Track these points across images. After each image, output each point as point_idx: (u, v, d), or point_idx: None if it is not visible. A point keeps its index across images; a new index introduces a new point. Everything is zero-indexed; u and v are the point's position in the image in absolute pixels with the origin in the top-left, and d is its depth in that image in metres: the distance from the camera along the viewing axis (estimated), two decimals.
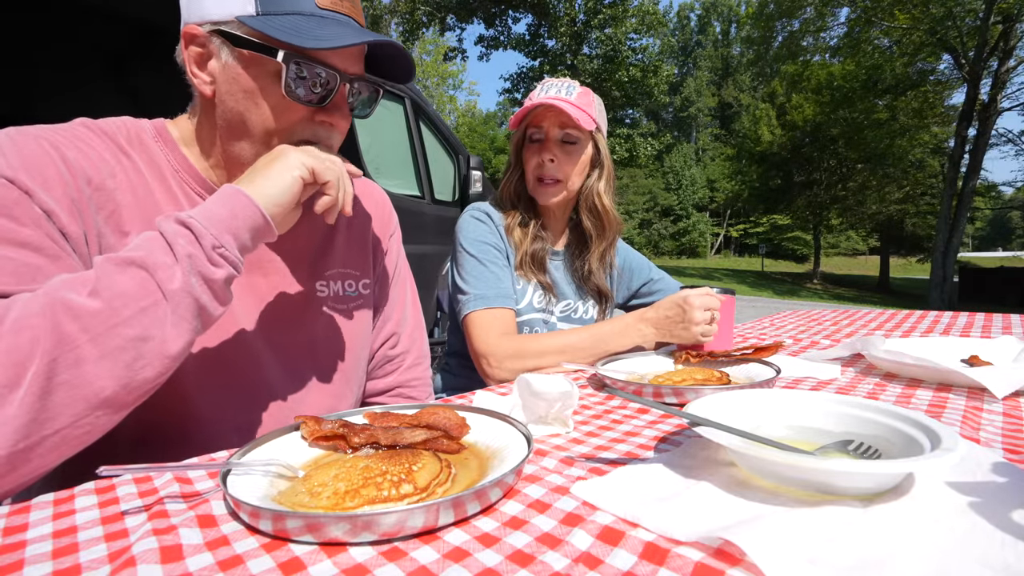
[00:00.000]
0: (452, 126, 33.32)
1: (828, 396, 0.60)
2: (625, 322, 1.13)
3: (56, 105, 3.46)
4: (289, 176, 0.64)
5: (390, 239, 0.97)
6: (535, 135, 1.26)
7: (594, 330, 1.14)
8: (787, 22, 18.90)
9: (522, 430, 0.57)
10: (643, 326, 1.11)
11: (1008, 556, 0.35)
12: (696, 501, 0.44)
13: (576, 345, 1.11)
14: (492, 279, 1.21)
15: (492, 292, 1.19)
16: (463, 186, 3.79)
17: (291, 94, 0.67)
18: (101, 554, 0.39)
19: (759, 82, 34.72)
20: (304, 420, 0.58)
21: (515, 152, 1.30)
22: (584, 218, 1.33)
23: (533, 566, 0.37)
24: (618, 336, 1.11)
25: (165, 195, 0.71)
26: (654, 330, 1.11)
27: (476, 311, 1.17)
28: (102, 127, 0.69)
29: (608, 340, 1.11)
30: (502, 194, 1.33)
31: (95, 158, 0.65)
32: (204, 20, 0.66)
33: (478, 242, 1.25)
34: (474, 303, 1.18)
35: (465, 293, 1.20)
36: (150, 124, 0.74)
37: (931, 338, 1.12)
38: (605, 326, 1.14)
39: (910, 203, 22.38)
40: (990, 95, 13.74)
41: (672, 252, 39.70)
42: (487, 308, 1.17)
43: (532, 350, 1.11)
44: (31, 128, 0.64)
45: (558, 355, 1.09)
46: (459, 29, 19.91)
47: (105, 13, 3.03)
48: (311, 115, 0.70)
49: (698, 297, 1.06)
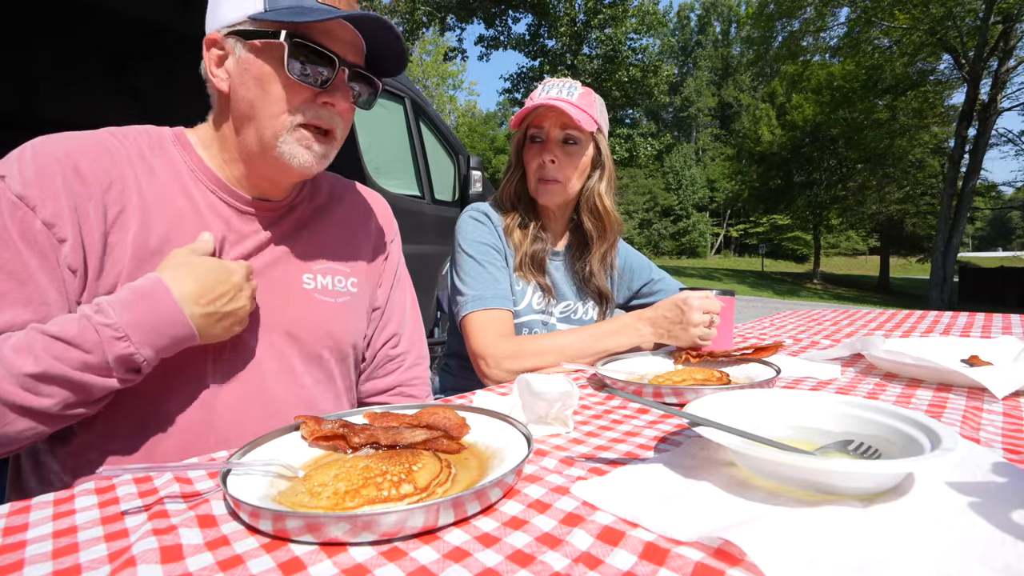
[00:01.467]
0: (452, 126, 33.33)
1: (828, 396, 0.60)
2: (623, 322, 1.13)
3: (57, 105, 3.46)
4: (227, 326, 0.71)
5: (391, 244, 1.00)
6: (536, 136, 1.25)
7: (592, 330, 1.13)
8: (787, 22, 18.89)
9: (522, 430, 0.57)
10: (641, 326, 1.11)
11: (1008, 556, 0.35)
12: (696, 501, 0.44)
13: (574, 345, 1.10)
14: (490, 280, 1.21)
15: (490, 293, 1.19)
16: (463, 186, 3.79)
17: (294, 73, 0.71)
18: (101, 554, 0.39)
19: (759, 82, 34.75)
20: (304, 420, 0.58)
21: (516, 152, 1.30)
22: (585, 219, 1.33)
23: (533, 566, 0.37)
24: (615, 335, 1.11)
25: (181, 193, 0.76)
26: (652, 330, 1.10)
27: (474, 312, 1.17)
28: (126, 134, 0.75)
29: (606, 339, 1.10)
30: (502, 195, 1.33)
31: (109, 164, 0.70)
32: (222, 26, 0.73)
33: (477, 243, 1.25)
34: (472, 304, 1.18)
35: (463, 294, 1.20)
36: (170, 131, 0.80)
37: (931, 338, 1.12)
38: (603, 325, 1.14)
39: (910, 203, 22.38)
40: (990, 95, 13.74)
41: (672, 252, 39.69)
42: (485, 309, 1.17)
43: (530, 350, 1.11)
44: (61, 141, 0.69)
45: (556, 355, 1.09)
46: (459, 29, 19.92)
47: (105, 13, 3.03)
48: (314, 97, 0.74)
49: (698, 299, 1.05)
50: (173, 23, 3.05)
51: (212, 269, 0.68)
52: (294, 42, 0.70)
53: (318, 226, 0.89)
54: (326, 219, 0.90)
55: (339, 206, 0.93)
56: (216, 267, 0.69)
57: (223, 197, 0.78)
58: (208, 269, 0.68)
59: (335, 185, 0.96)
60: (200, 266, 0.68)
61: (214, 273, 0.68)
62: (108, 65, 3.50)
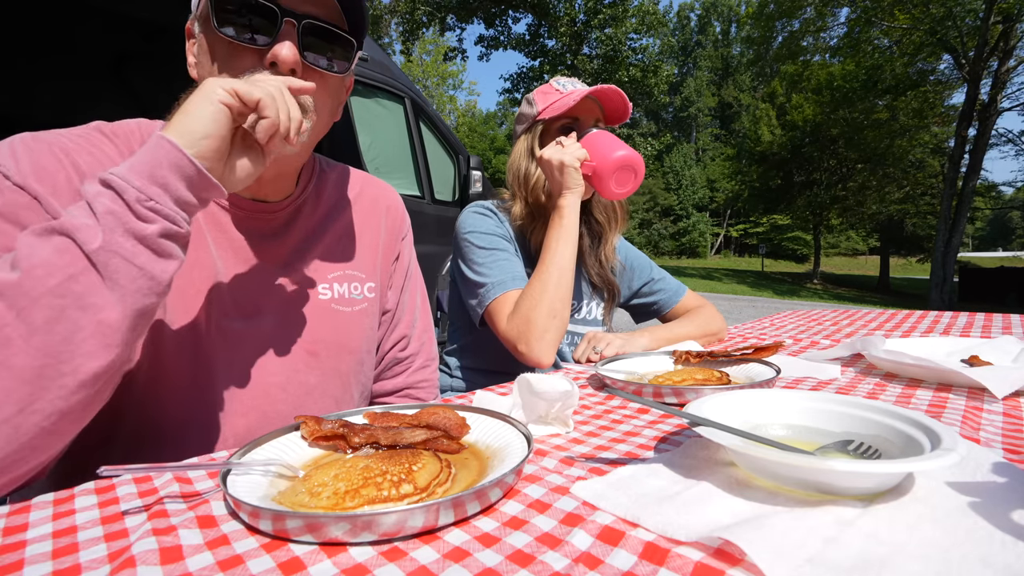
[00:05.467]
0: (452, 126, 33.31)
1: (828, 396, 0.60)
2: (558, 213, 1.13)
3: (57, 104, 3.47)
4: (210, 105, 0.55)
5: (402, 242, 0.96)
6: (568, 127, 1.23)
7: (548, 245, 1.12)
8: (787, 22, 18.89)
9: (522, 430, 0.57)
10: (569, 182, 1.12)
11: (1008, 556, 0.35)
12: (696, 501, 0.44)
13: (562, 267, 1.09)
14: (507, 264, 1.18)
15: (508, 276, 1.15)
16: (463, 186, 3.80)
17: (227, 33, 0.63)
18: (101, 554, 0.39)
19: (759, 82, 34.75)
20: (304, 420, 0.58)
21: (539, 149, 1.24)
22: (597, 213, 1.33)
23: (533, 566, 0.37)
24: (561, 222, 1.12)
25: None
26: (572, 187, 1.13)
27: (496, 298, 1.13)
28: (115, 130, 0.70)
29: (561, 230, 1.11)
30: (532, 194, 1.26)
31: (107, 162, 0.66)
32: (193, 16, 0.70)
33: (485, 234, 1.22)
34: (494, 290, 1.14)
35: (482, 284, 1.16)
36: (161, 124, 0.74)
37: (931, 338, 1.12)
38: (550, 234, 1.14)
39: (910, 203, 22.37)
40: (990, 95, 13.74)
41: (672, 252, 39.71)
42: (504, 294, 1.13)
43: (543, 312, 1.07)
44: (47, 134, 0.64)
45: (555, 289, 1.07)
46: (459, 29, 19.92)
47: (106, 13, 3.03)
48: (259, 59, 0.65)
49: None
50: (173, 23, 3.05)
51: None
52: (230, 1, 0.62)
53: (330, 228, 0.83)
54: (338, 220, 0.85)
55: (349, 203, 0.87)
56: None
57: (219, 202, 0.73)
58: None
59: (342, 177, 0.89)
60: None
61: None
62: (108, 65, 3.50)
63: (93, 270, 0.50)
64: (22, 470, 0.50)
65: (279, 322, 0.76)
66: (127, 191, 0.51)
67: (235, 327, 0.73)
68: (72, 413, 0.51)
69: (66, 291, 0.49)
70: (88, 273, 0.50)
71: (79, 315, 0.49)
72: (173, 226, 0.54)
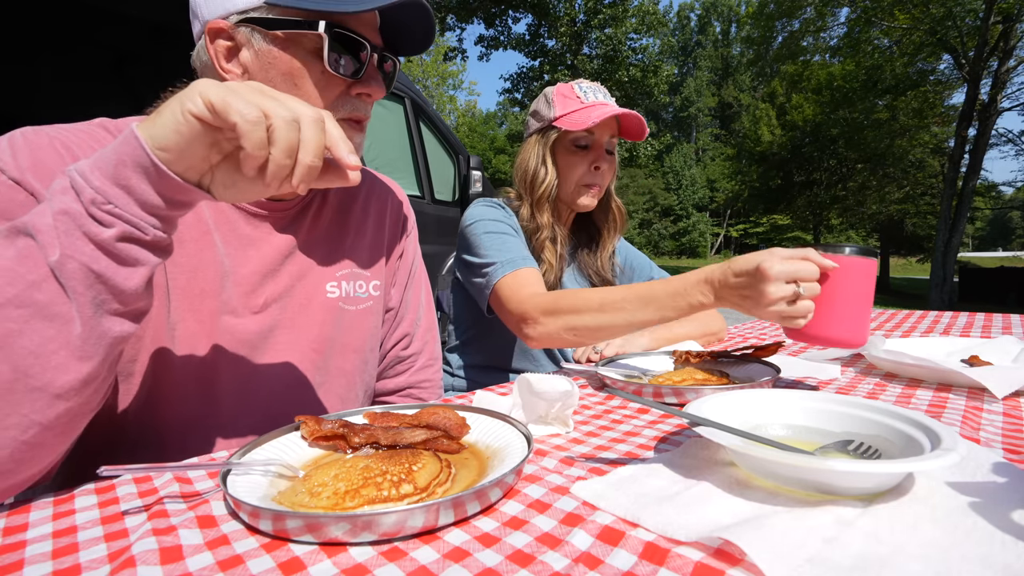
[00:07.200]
0: (452, 126, 33.30)
1: (828, 396, 0.60)
2: (685, 281, 0.85)
3: (57, 104, 3.46)
4: (178, 115, 0.47)
5: (407, 240, 0.95)
6: (582, 140, 1.22)
7: (639, 288, 0.91)
8: (787, 22, 18.87)
9: (522, 430, 0.57)
10: (704, 290, 0.83)
11: (1008, 556, 0.35)
12: (696, 501, 0.44)
13: (616, 304, 0.90)
14: (514, 245, 1.15)
15: (516, 255, 1.12)
16: (463, 186, 3.80)
17: (334, 67, 0.65)
18: (101, 554, 0.39)
19: (759, 82, 34.74)
20: (304, 420, 0.58)
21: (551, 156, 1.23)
22: (599, 218, 1.34)
23: (533, 566, 0.37)
24: (670, 298, 0.86)
25: None
26: (714, 300, 0.83)
27: (502, 278, 1.09)
28: (119, 127, 0.69)
29: (657, 301, 0.87)
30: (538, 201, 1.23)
31: None
32: (229, 12, 0.64)
33: (495, 221, 1.19)
34: (500, 270, 1.10)
35: (489, 264, 1.12)
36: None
37: (931, 338, 1.12)
38: (655, 285, 0.89)
39: (910, 203, 22.35)
40: (990, 95, 13.72)
41: (672, 252, 39.69)
42: (512, 272, 1.10)
43: (566, 305, 0.96)
44: (48, 128, 0.62)
45: (597, 313, 0.92)
46: (459, 29, 19.89)
47: (107, 13, 3.03)
48: (347, 88, 0.68)
49: (781, 262, 0.72)
50: (175, 22, 3.05)
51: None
52: (334, 32, 0.63)
53: (337, 226, 0.83)
54: (345, 217, 0.84)
55: (356, 200, 0.87)
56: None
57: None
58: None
59: None
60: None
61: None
62: (108, 64, 3.50)
63: (53, 278, 0.46)
64: (15, 480, 0.49)
65: (287, 321, 0.76)
66: (84, 191, 0.47)
67: (242, 326, 0.72)
68: (55, 426, 0.48)
69: (29, 300, 0.45)
70: (50, 281, 0.46)
71: (44, 326, 0.46)
72: (135, 231, 0.48)
